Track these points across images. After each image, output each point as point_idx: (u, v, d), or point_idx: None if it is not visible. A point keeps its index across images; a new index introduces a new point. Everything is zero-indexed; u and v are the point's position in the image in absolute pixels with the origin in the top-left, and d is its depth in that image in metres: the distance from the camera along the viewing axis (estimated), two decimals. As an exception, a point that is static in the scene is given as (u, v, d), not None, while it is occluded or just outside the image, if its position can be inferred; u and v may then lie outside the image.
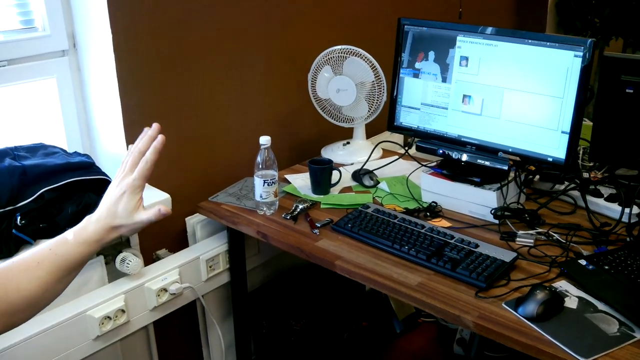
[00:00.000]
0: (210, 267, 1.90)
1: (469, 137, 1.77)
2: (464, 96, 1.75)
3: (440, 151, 1.78)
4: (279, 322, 2.07)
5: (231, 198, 1.89)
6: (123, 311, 1.67)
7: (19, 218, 1.46)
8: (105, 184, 1.65)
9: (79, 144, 1.82)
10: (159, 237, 1.89)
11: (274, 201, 1.78)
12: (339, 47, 2.03)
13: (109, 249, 1.75)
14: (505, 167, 1.67)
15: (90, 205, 1.58)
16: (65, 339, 1.57)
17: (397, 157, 2.08)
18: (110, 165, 1.80)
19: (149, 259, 1.87)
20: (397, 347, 2.34)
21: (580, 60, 1.54)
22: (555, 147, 1.62)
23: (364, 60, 2.01)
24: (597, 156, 1.82)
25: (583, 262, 1.44)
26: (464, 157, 1.74)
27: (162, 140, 1.08)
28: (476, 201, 1.71)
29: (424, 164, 1.87)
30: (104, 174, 1.64)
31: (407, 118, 1.90)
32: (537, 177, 1.85)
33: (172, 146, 1.85)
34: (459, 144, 1.79)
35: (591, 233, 1.60)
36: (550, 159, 1.64)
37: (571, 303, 1.33)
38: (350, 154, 2.14)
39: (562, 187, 1.79)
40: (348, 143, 2.18)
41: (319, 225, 1.70)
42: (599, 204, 1.71)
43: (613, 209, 1.67)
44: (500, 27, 1.69)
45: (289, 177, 2.02)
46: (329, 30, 2.27)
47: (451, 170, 1.77)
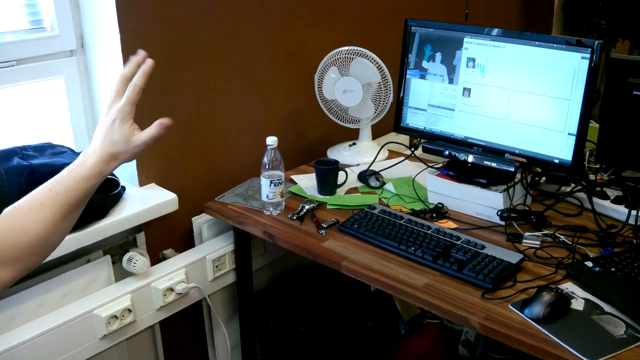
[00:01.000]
0: (216, 267, 1.90)
1: (475, 138, 1.77)
2: (464, 89, 1.75)
3: (447, 152, 1.79)
4: (284, 322, 2.08)
5: (238, 198, 1.89)
6: (129, 310, 1.68)
7: (27, 217, 1.47)
8: (112, 183, 1.66)
9: (87, 144, 1.82)
10: (165, 236, 1.89)
11: (280, 201, 1.78)
12: (346, 48, 2.03)
13: (116, 248, 1.76)
14: (512, 169, 1.67)
15: (97, 205, 1.59)
16: (72, 338, 1.58)
17: (403, 158, 2.08)
18: (117, 165, 1.80)
19: (156, 258, 1.88)
20: (402, 348, 2.34)
21: (587, 62, 1.54)
22: (561, 149, 1.62)
23: (371, 61, 2.01)
24: (604, 158, 1.82)
25: (589, 264, 1.44)
26: (471, 159, 1.74)
27: (151, 64, 1.04)
28: (482, 202, 1.71)
29: (430, 165, 1.87)
30: (111, 173, 1.65)
31: (413, 119, 1.90)
32: (544, 178, 1.85)
33: (179, 146, 1.86)
34: (465, 145, 1.79)
35: (597, 235, 1.60)
36: (556, 161, 1.64)
37: (577, 305, 1.33)
38: (357, 155, 2.14)
39: (568, 189, 1.79)
40: (354, 144, 2.18)
41: (325, 225, 1.70)
42: (605, 206, 1.71)
43: (619, 211, 1.67)
44: (507, 28, 1.69)
45: (295, 177, 2.02)
46: (336, 31, 2.27)
47: (457, 172, 1.77)
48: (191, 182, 1.92)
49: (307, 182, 1.98)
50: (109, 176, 1.62)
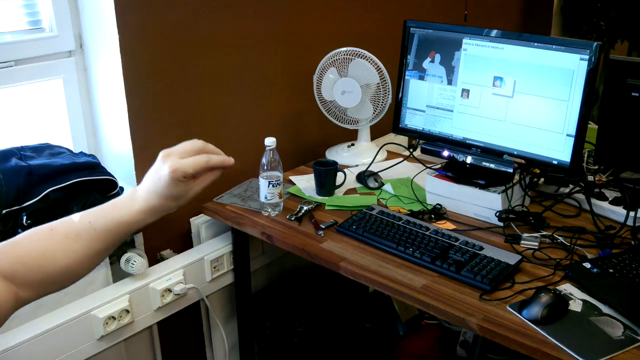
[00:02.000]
0: (214, 267, 1.90)
1: (474, 139, 1.77)
2: (462, 90, 1.75)
3: (445, 153, 1.79)
4: (282, 323, 2.08)
5: (236, 199, 1.89)
6: (127, 311, 1.68)
7: (24, 217, 1.47)
8: (110, 184, 1.66)
9: (85, 144, 1.83)
10: (163, 237, 1.89)
11: (278, 202, 1.78)
12: (344, 49, 2.03)
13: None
14: (510, 170, 1.67)
15: (95, 205, 1.58)
16: (70, 339, 1.58)
17: (401, 159, 2.08)
18: (115, 166, 1.81)
19: (154, 259, 1.87)
20: (400, 349, 2.34)
21: (585, 63, 1.54)
22: (560, 150, 1.62)
23: (369, 62, 2.01)
24: (602, 159, 1.82)
25: (587, 265, 1.44)
26: (469, 160, 1.74)
27: (230, 163, 1.02)
28: (481, 204, 1.71)
29: (429, 166, 1.87)
30: (110, 174, 1.65)
31: (412, 120, 1.90)
32: (542, 179, 1.85)
33: (178, 147, 1.86)
34: (464, 146, 1.79)
35: (596, 236, 1.60)
36: (555, 162, 1.64)
37: (575, 306, 1.33)
38: (355, 156, 2.14)
39: (567, 190, 1.79)
40: (353, 145, 2.18)
41: (323, 226, 1.70)
42: (603, 207, 1.71)
43: (618, 212, 1.67)
44: (506, 29, 1.69)
45: (293, 178, 2.02)
46: (335, 32, 2.27)
47: (456, 173, 1.77)
48: (189, 183, 1.91)
49: (305, 183, 1.98)
50: (107, 177, 1.63)
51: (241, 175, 2.03)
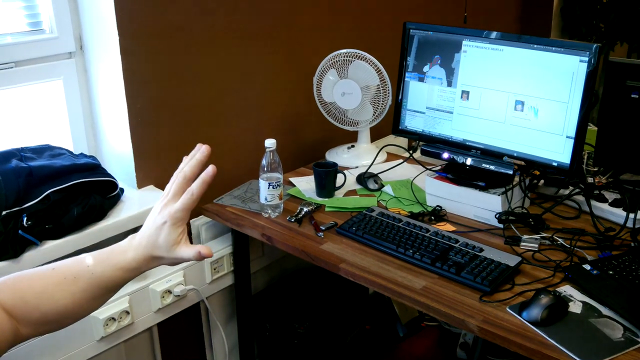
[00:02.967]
0: (214, 269, 1.90)
1: (474, 141, 1.77)
2: (462, 92, 1.76)
3: (445, 155, 1.79)
4: (282, 324, 2.08)
5: (236, 200, 1.89)
6: (127, 312, 1.68)
7: (25, 219, 1.47)
8: (110, 185, 1.66)
9: (85, 146, 1.83)
10: (163, 239, 1.89)
11: (278, 204, 1.78)
12: (345, 50, 2.03)
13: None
14: (510, 172, 1.67)
15: (96, 207, 1.59)
16: (70, 340, 1.58)
17: (401, 160, 2.08)
18: (116, 167, 1.81)
19: (154, 260, 1.87)
20: (400, 351, 2.34)
21: (585, 65, 1.55)
22: (560, 152, 1.62)
23: (369, 64, 2.01)
24: (602, 161, 1.82)
25: (587, 267, 1.44)
26: (469, 161, 1.74)
27: (213, 172, 0.98)
28: (481, 205, 1.71)
29: (429, 167, 1.87)
30: (110, 175, 1.65)
31: (412, 122, 1.90)
32: (542, 181, 1.85)
33: (177, 148, 1.86)
34: (463, 148, 1.79)
35: (595, 238, 1.60)
36: (555, 164, 1.64)
37: (575, 308, 1.33)
38: (355, 158, 2.14)
39: (566, 192, 1.79)
40: (353, 146, 2.18)
41: (323, 228, 1.70)
42: (603, 209, 1.71)
43: (617, 214, 1.67)
44: (506, 31, 1.69)
45: (293, 180, 2.02)
46: (335, 33, 2.27)
47: (456, 174, 1.77)
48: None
49: (305, 184, 1.98)
50: (107, 178, 1.63)
51: (241, 176, 2.03)
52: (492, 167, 1.70)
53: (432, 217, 1.75)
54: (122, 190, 1.74)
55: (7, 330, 0.90)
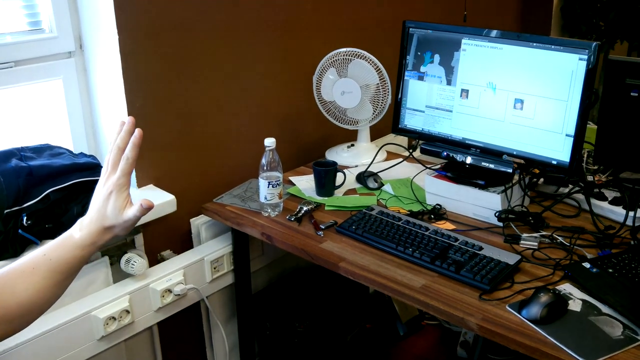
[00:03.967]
0: (214, 268, 1.90)
1: (473, 139, 1.77)
2: (462, 90, 1.76)
3: (445, 154, 1.79)
4: (282, 323, 2.08)
5: (236, 199, 1.89)
6: (128, 312, 1.68)
7: (25, 218, 1.47)
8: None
9: (85, 145, 1.83)
10: (163, 238, 1.89)
11: (278, 203, 1.78)
12: (344, 49, 2.03)
13: (114, 249, 1.76)
14: (510, 170, 1.67)
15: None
16: (70, 339, 1.58)
17: (401, 159, 2.08)
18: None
19: (154, 260, 1.88)
20: (400, 350, 2.34)
21: (584, 63, 1.55)
22: (559, 150, 1.62)
23: (369, 62, 2.01)
24: (602, 159, 1.82)
25: (587, 265, 1.44)
26: (469, 160, 1.75)
27: (140, 135, 1.06)
28: (480, 204, 1.71)
29: (428, 166, 1.88)
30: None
31: (411, 120, 1.90)
32: (542, 180, 1.85)
33: (177, 147, 1.86)
34: (463, 146, 1.79)
35: (595, 236, 1.60)
36: (554, 162, 1.64)
37: (575, 306, 1.33)
38: (355, 156, 2.14)
39: (566, 190, 1.79)
40: (352, 145, 2.18)
41: (323, 227, 1.70)
42: (603, 207, 1.71)
43: (617, 212, 1.67)
44: (505, 30, 1.69)
45: (293, 179, 2.02)
46: (334, 32, 2.27)
47: (455, 173, 1.77)
48: (189, 184, 1.92)
49: (305, 183, 1.98)
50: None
51: (241, 175, 2.03)
52: (491, 166, 1.70)
53: (432, 216, 1.75)
54: (122, 190, 1.73)
55: None
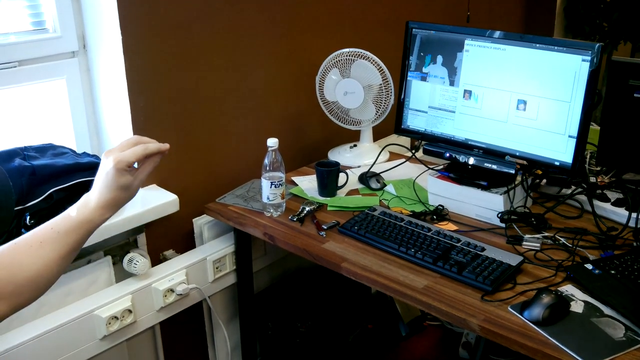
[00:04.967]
0: (216, 268, 1.91)
1: (476, 140, 1.77)
2: (465, 91, 1.76)
3: (447, 154, 1.79)
4: (284, 323, 2.08)
5: (238, 199, 1.90)
6: (130, 311, 1.68)
7: (28, 217, 1.47)
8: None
9: (88, 145, 1.84)
10: (166, 238, 1.90)
11: (280, 203, 1.78)
12: (347, 50, 2.03)
13: (117, 249, 1.76)
14: (512, 171, 1.67)
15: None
16: (72, 339, 1.58)
17: (404, 160, 2.08)
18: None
19: (156, 259, 1.88)
20: (402, 351, 2.34)
21: (587, 64, 1.54)
22: (562, 152, 1.62)
23: (372, 63, 2.01)
24: (604, 161, 1.82)
25: (589, 266, 1.44)
26: (471, 161, 1.74)
27: (166, 150, 1.12)
28: (483, 205, 1.71)
29: (431, 167, 1.87)
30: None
31: (414, 121, 1.90)
32: (544, 181, 1.85)
33: (181, 147, 1.87)
34: (466, 147, 1.79)
35: (598, 237, 1.60)
36: (557, 163, 1.64)
37: (577, 307, 1.33)
38: (357, 157, 2.14)
39: (569, 192, 1.79)
40: (355, 146, 2.18)
41: (325, 227, 1.70)
42: (605, 209, 1.71)
43: (620, 214, 1.67)
44: (508, 31, 1.69)
45: (296, 179, 2.02)
46: (337, 33, 2.27)
47: (458, 174, 1.77)
48: (192, 183, 1.92)
49: (307, 183, 1.99)
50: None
51: (244, 176, 2.03)
52: (494, 167, 1.70)
53: (434, 217, 1.75)
54: (124, 189, 1.74)
55: None
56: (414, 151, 1.97)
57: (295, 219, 1.76)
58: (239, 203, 1.87)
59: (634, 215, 1.60)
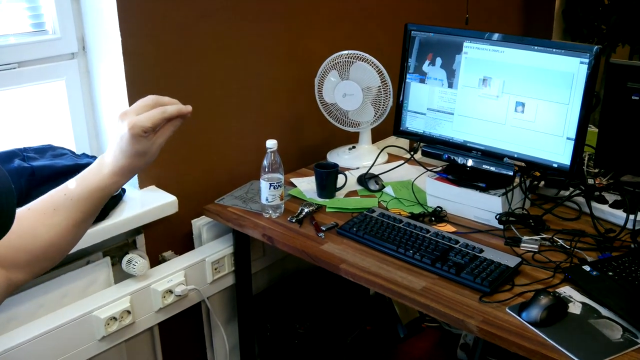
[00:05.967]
0: (215, 269, 1.91)
1: (474, 142, 1.78)
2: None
3: (446, 156, 1.79)
4: (283, 325, 2.08)
5: (237, 201, 1.90)
6: (129, 312, 1.68)
7: (27, 218, 1.47)
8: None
9: (87, 146, 1.84)
10: (165, 239, 1.90)
11: (279, 204, 1.79)
12: (346, 52, 2.04)
13: (116, 250, 1.76)
14: (511, 173, 1.67)
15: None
16: (71, 340, 1.58)
17: (402, 161, 2.08)
18: (117, 167, 1.81)
19: (155, 260, 1.88)
20: (400, 352, 2.34)
21: (586, 67, 1.55)
22: (560, 154, 1.63)
23: (371, 65, 2.02)
24: (603, 163, 1.82)
25: (587, 268, 1.45)
26: (470, 163, 1.75)
27: (188, 112, 1.03)
28: (481, 206, 1.72)
29: (430, 168, 1.88)
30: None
31: (413, 123, 1.91)
32: (542, 183, 1.86)
33: (179, 148, 1.87)
34: (464, 149, 1.79)
35: (595, 239, 1.60)
36: (555, 165, 1.64)
37: (575, 309, 1.33)
38: (356, 158, 2.15)
39: (567, 193, 1.80)
40: (354, 147, 2.18)
41: (324, 228, 1.71)
42: (603, 211, 1.71)
43: (618, 216, 1.67)
44: (507, 33, 1.69)
45: (294, 180, 2.03)
46: (336, 35, 2.28)
47: (456, 176, 1.78)
48: (191, 185, 1.92)
49: (306, 185, 1.99)
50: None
51: (243, 177, 2.03)
52: (492, 169, 1.71)
53: (433, 218, 1.76)
54: (123, 191, 1.74)
55: None
56: (412, 153, 1.97)
57: (294, 221, 1.76)
58: (237, 204, 1.88)
59: (631, 217, 1.61)
